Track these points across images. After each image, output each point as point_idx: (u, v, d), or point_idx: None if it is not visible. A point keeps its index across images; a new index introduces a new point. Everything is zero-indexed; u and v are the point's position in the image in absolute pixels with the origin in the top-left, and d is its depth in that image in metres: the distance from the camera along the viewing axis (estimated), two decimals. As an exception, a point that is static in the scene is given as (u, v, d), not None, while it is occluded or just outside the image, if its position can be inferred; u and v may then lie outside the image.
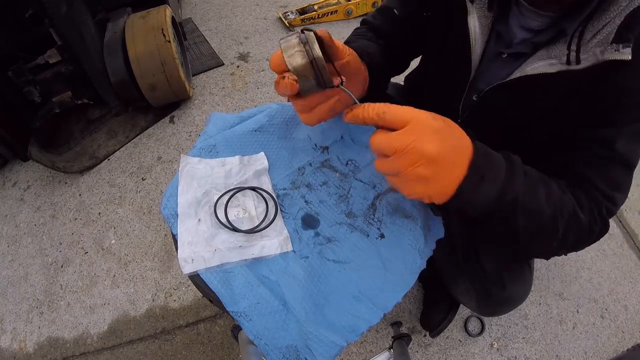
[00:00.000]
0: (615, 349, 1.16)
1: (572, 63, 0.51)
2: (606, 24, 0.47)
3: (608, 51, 0.48)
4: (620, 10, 0.46)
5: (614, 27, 0.47)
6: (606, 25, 0.48)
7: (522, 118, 0.64)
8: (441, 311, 1.10)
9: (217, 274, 0.54)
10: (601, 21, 0.48)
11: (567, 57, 0.51)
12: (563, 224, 0.50)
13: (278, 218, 0.61)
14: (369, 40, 0.70)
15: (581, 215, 0.52)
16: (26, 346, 1.18)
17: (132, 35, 1.47)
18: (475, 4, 0.58)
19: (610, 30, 0.47)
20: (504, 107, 0.64)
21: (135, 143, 1.65)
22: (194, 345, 1.13)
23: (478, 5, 0.58)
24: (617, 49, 0.47)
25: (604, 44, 0.48)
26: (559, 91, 0.56)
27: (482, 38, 0.60)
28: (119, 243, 1.35)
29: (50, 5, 1.24)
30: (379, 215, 0.61)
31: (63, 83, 1.46)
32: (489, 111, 0.67)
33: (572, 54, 0.51)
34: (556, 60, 0.53)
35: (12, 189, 1.56)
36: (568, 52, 0.51)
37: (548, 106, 0.59)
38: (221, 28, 2.20)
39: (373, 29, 0.75)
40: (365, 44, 0.67)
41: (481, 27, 0.59)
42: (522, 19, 0.56)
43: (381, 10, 0.76)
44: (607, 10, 0.47)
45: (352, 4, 2.22)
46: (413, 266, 0.56)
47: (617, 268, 1.33)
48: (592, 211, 0.53)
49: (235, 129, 0.69)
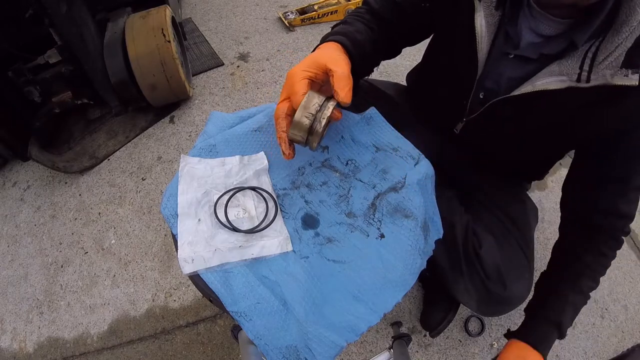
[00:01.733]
0: (615, 349, 1.16)
1: (582, 81, 0.52)
2: (618, 46, 0.48)
3: (617, 75, 0.49)
4: (632, 31, 0.46)
5: (624, 49, 0.47)
6: (618, 47, 0.48)
7: (526, 130, 0.65)
8: (441, 311, 1.10)
9: (217, 274, 0.54)
10: (614, 43, 0.48)
11: (578, 76, 0.52)
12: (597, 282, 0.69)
13: (278, 218, 0.61)
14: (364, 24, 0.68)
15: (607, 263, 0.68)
16: (26, 346, 1.18)
17: (132, 35, 1.47)
18: (482, 2, 0.58)
19: (621, 52, 0.48)
20: (508, 118, 0.65)
21: (135, 143, 1.65)
22: (194, 345, 1.13)
23: (485, 4, 0.58)
24: (627, 74, 0.48)
25: (614, 67, 0.49)
26: (564, 106, 0.57)
27: (489, 37, 0.60)
28: (119, 243, 1.35)
29: (50, 5, 1.24)
30: (379, 215, 0.61)
31: (63, 83, 1.46)
32: (494, 120, 0.67)
33: (584, 74, 0.51)
34: (567, 78, 0.53)
35: (12, 189, 1.56)
36: (580, 72, 0.51)
37: (553, 120, 0.60)
38: (221, 28, 2.20)
39: (371, 11, 0.73)
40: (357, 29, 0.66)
41: (487, 25, 0.59)
42: (533, 21, 0.56)
43: None
44: (619, 31, 0.47)
45: (352, 3, 2.22)
46: (413, 266, 0.56)
47: (617, 268, 1.33)
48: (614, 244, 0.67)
49: (235, 129, 0.69)
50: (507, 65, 0.61)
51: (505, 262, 0.75)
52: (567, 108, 0.58)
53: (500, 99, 0.62)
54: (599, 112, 0.55)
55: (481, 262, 0.76)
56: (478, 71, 0.64)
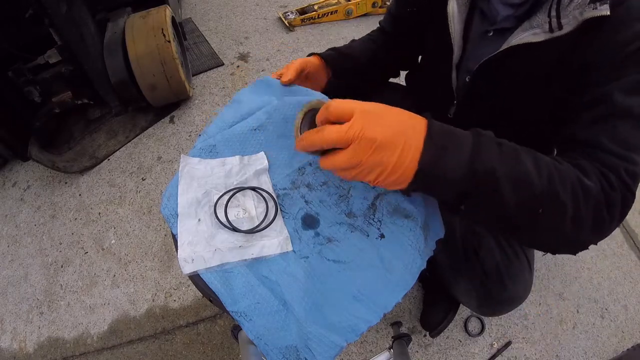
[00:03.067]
0: (615, 349, 1.16)
1: (554, 29, 0.53)
2: None
3: (587, 11, 0.49)
4: None
5: None
6: None
7: (515, 93, 0.65)
8: (441, 311, 1.10)
9: (217, 274, 0.54)
10: None
11: (549, 25, 0.53)
12: (568, 195, 0.43)
13: (278, 218, 0.61)
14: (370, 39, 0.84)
15: (587, 183, 0.44)
16: (26, 346, 1.18)
17: (132, 35, 1.47)
18: None
19: None
20: (495, 84, 0.65)
21: (135, 143, 1.65)
22: (194, 345, 1.13)
23: None
24: (595, 7, 0.49)
25: (582, 6, 0.50)
26: (547, 60, 0.57)
27: (460, 17, 0.64)
28: (119, 243, 1.35)
29: (50, 5, 1.24)
30: (379, 215, 0.61)
31: (63, 83, 1.47)
32: (482, 90, 0.68)
33: (553, 21, 0.52)
34: (539, 30, 0.54)
35: (12, 189, 1.56)
36: (549, 20, 0.52)
37: (539, 77, 0.60)
38: (221, 28, 2.20)
39: (380, 28, 0.88)
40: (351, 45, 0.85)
41: (459, 6, 0.63)
42: None
43: (387, 12, 0.87)
44: None
45: (352, 4, 2.22)
46: (413, 266, 0.56)
47: (617, 268, 1.33)
48: (603, 177, 0.46)
49: (234, 128, 0.69)
50: (488, 44, 0.63)
51: (505, 262, 0.75)
52: (550, 64, 0.57)
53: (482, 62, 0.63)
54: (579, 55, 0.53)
55: (481, 262, 0.76)
56: (454, 50, 0.67)
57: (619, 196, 0.45)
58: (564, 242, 0.48)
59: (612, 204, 0.45)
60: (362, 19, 2.29)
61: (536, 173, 0.42)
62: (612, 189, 0.45)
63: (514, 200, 0.41)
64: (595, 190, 0.44)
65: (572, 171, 0.45)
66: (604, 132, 0.49)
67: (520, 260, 0.77)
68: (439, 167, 0.40)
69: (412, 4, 0.75)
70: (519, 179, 0.41)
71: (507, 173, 0.41)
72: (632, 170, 0.46)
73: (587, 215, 0.44)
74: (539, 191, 0.42)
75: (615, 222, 0.46)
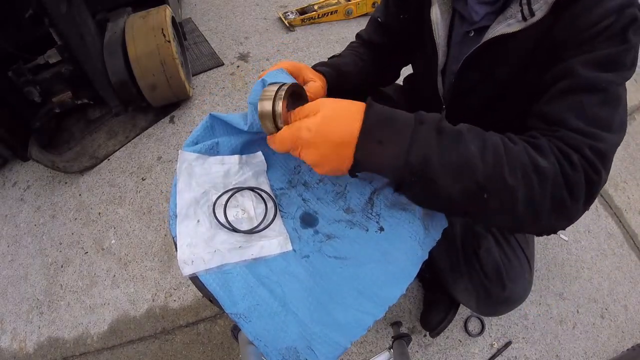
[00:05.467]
0: (615, 349, 1.16)
1: (527, 17, 0.53)
2: None
3: None
4: None
5: None
6: None
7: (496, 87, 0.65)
8: (441, 311, 1.10)
9: (216, 277, 0.54)
10: None
11: (521, 13, 0.53)
12: (518, 179, 0.41)
13: (277, 218, 0.61)
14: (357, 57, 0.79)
15: (543, 164, 0.42)
16: (26, 346, 1.18)
17: (132, 35, 1.47)
18: None
19: None
20: (478, 81, 0.66)
21: (135, 143, 1.65)
22: (194, 345, 1.13)
23: None
24: None
25: None
26: (523, 50, 0.58)
27: (444, 22, 0.65)
28: (119, 243, 1.35)
29: (50, 5, 1.24)
30: (377, 209, 0.61)
31: (63, 83, 1.47)
32: (467, 89, 0.69)
33: (525, 9, 0.53)
34: (513, 20, 0.55)
35: (12, 189, 1.56)
36: (521, 8, 0.53)
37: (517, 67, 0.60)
38: (221, 28, 2.20)
39: (363, 42, 0.84)
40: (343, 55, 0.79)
41: (442, 12, 0.65)
42: None
43: (370, 21, 0.84)
44: None
45: (352, 4, 2.22)
46: (414, 257, 0.56)
47: (617, 268, 1.33)
48: (564, 156, 0.43)
49: (234, 128, 0.69)
50: (469, 44, 0.63)
51: (504, 262, 0.75)
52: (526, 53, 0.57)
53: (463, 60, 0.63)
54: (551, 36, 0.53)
55: (480, 262, 0.76)
56: (439, 56, 0.68)
57: (581, 176, 0.43)
58: (522, 225, 0.46)
59: (573, 185, 0.42)
60: (362, 19, 2.29)
61: (480, 158, 0.42)
62: (574, 169, 0.43)
63: (455, 187, 0.42)
64: (551, 172, 0.42)
65: (524, 153, 0.43)
66: (570, 108, 0.47)
67: (520, 260, 0.77)
68: (372, 162, 0.44)
69: (403, 11, 0.75)
70: (459, 166, 0.41)
71: (444, 161, 0.41)
72: (597, 147, 0.44)
73: (542, 199, 0.42)
74: (483, 176, 0.41)
75: (582, 204, 0.44)
